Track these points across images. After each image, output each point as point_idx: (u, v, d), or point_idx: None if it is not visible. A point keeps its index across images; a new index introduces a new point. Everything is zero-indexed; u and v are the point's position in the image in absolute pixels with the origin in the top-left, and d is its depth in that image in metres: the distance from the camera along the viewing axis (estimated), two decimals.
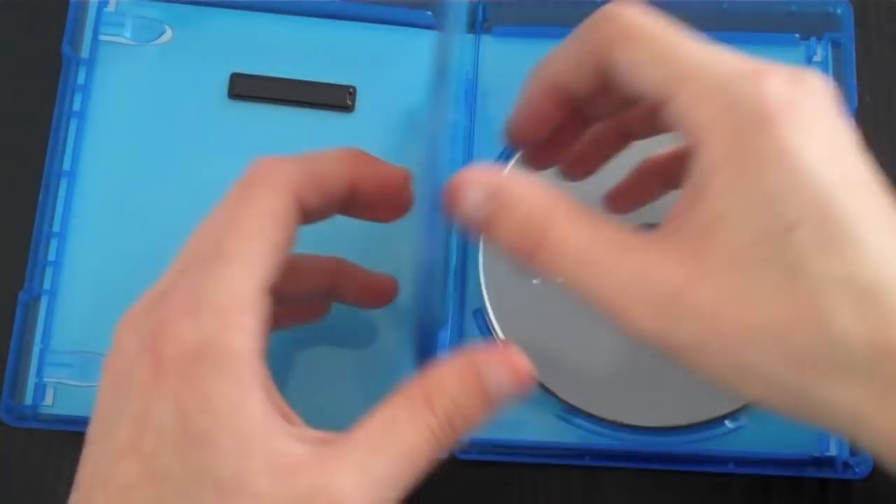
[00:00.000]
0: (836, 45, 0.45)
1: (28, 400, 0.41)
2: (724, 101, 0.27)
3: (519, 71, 0.45)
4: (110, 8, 0.45)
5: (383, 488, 0.26)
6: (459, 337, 0.43)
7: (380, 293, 0.39)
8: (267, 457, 0.25)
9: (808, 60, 0.45)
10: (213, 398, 0.25)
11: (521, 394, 0.29)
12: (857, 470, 0.40)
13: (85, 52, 0.44)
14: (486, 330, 0.42)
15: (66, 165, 0.43)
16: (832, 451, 0.40)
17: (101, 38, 0.44)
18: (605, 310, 0.28)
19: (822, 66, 0.45)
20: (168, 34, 0.44)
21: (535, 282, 0.43)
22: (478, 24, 0.46)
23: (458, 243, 0.43)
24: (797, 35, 0.45)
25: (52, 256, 0.42)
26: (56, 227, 0.42)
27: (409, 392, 0.28)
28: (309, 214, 0.30)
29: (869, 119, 0.45)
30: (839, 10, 0.45)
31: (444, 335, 0.42)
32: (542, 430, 0.41)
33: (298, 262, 0.34)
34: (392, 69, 0.45)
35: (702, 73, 0.28)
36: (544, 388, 0.41)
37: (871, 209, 0.27)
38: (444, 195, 0.29)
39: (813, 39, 0.45)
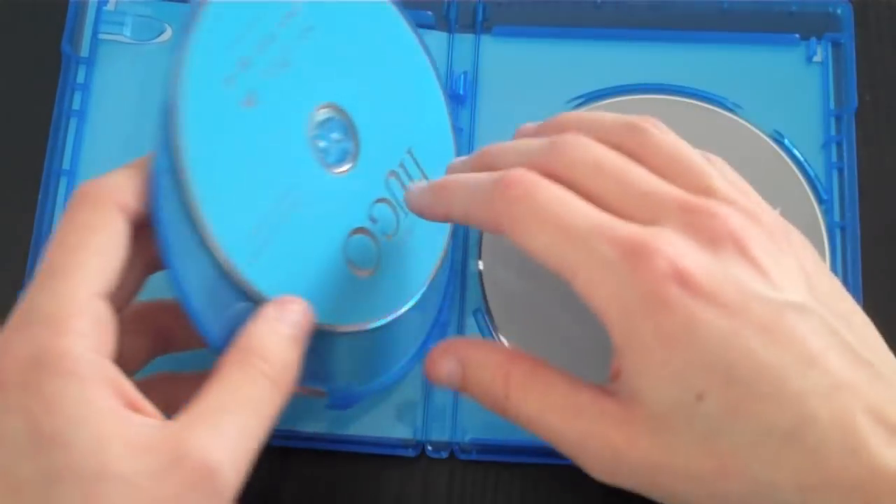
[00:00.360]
0: (836, 45, 0.45)
1: None
2: (612, 287, 0.30)
3: (519, 71, 0.45)
4: (110, 6, 0.44)
5: (239, 441, 0.29)
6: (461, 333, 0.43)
7: None
8: (123, 442, 0.27)
9: (808, 60, 0.45)
10: (57, 400, 0.27)
11: (311, 325, 0.33)
12: None
13: (85, 51, 0.44)
14: (487, 330, 0.43)
15: (66, 164, 0.43)
16: None
17: (101, 36, 0.44)
18: (567, 455, 0.32)
19: (823, 66, 0.45)
20: (168, 33, 0.44)
21: (535, 287, 0.42)
22: (478, 24, 0.46)
23: (458, 243, 0.43)
24: (797, 35, 0.45)
25: None
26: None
27: (233, 355, 0.31)
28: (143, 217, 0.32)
29: (869, 119, 0.44)
30: (839, 11, 0.45)
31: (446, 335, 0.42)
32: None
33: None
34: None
35: (595, 255, 0.30)
36: None
37: (778, 354, 0.29)
38: (424, 363, 0.35)
39: (813, 39, 0.45)
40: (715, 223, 0.30)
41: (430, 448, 0.41)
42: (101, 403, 0.27)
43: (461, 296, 0.43)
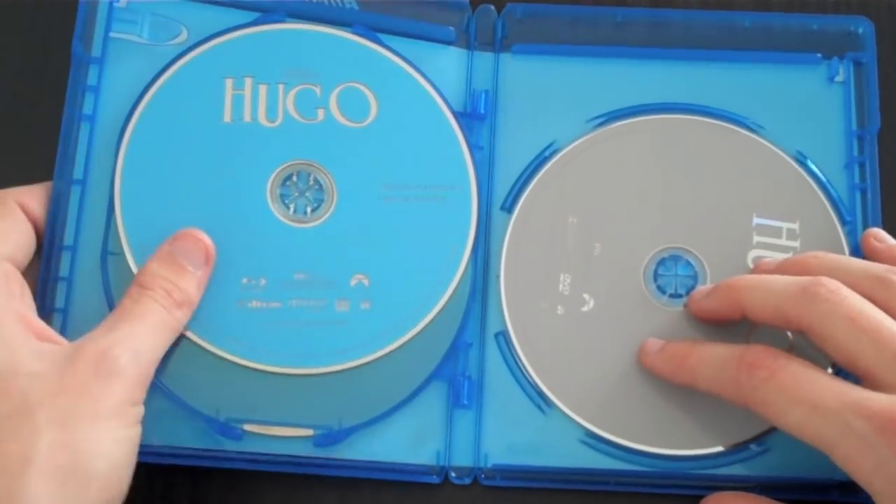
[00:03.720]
0: (857, 64, 0.45)
1: None
2: (872, 460, 0.32)
3: (539, 89, 0.45)
4: (121, 4, 0.43)
5: (131, 339, 0.35)
6: (482, 360, 0.42)
7: None
8: (32, 351, 0.34)
9: (830, 80, 0.45)
10: None
11: (206, 261, 0.39)
12: None
13: (96, 51, 0.42)
14: (509, 352, 0.42)
15: (78, 174, 0.41)
16: None
17: (113, 35, 0.42)
18: None
19: (845, 85, 0.45)
20: (184, 34, 0.43)
21: (559, 311, 0.42)
22: (497, 42, 0.45)
23: (478, 265, 0.42)
24: (819, 55, 0.45)
25: (64, 272, 0.40)
26: (69, 241, 0.40)
27: (128, 291, 0.37)
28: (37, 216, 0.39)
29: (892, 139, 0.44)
30: (861, 29, 0.45)
31: (468, 358, 0.41)
32: (566, 455, 0.41)
33: None
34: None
35: (851, 431, 0.32)
36: (567, 413, 0.41)
37: None
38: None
39: (835, 59, 0.45)
40: None
41: (453, 474, 0.40)
42: (12, 328, 0.34)
43: (482, 318, 0.42)
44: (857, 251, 0.42)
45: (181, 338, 0.39)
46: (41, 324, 0.36)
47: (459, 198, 0.42)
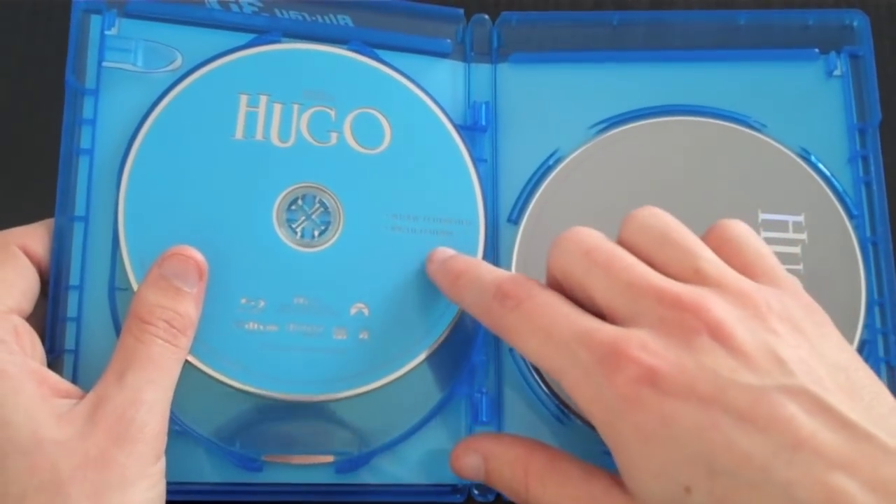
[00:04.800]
0: (854, 57, 0.45)
1: None
2: (592, 390, 0.32)
3: (539, 98, 0.44)
4: (112, 32, 0.42)
5: (145, 391, 0.34)
6: (499, 375, 0.41)
7: None
8: (51, 415, 0.33)
9: (829, 74, 0.45)
10: None
11: (199, 277, 0.37)
12: None
13: (90, 82, 0.41)
14: (525, 366, 0.41)
15: (80, 210, 0.40)
16: None
17: (106, 64, 0.41)
18: None
19: (843, 79, 0.45)
20: (178, 61, 0.42)
21: None
22: (493, 52, 0.45)
23: None
24: (816, 49, 0.45)
25: (72, 312, 0.39)
26: (74, 280, 0.39)
27: (127, 324, 0.36)
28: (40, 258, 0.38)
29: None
30: (856, 23, 0.45)
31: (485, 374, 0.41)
32: None
33: None
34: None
35: (576, 360, 0.32)
36: (589, 425, 0.40)
37: (760, 440, 0.29)
38: (450, 458, 0.38)
39: (833, 53, 0.45)
40: (687, 317, 0.31)
41: (476, 492, 0.40)
42: (30, 391, 0.34)
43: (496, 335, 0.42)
44: (866, 243, 0.43)
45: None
46: (55, 377, 0.36)
47: (467, 233, 0.42)
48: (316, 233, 0.41)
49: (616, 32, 0.45)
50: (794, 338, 0.32)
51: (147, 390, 0.35)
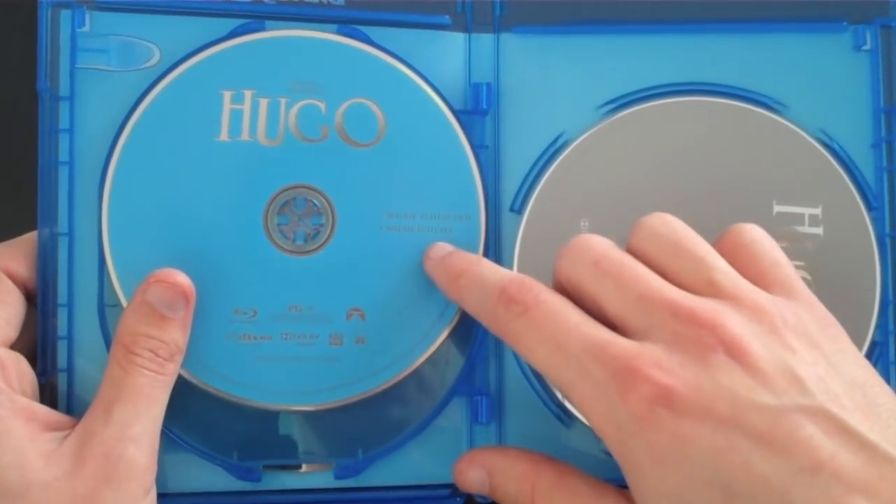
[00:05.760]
0: (885, 29, 0.42)
1: None
2: (605, 407, 0.31)
3: (544, 73, 0.42)
4: (86, 28, 0.39)
5: (133, 425, 0.34)
6: (500, 375, 0.41)
7: None
8: (39, 455, 0.33)
9: (857, 49, 0.42)
10: None
11: (186, 303, 0.36)
12: None
13: (64, 89, 0.38)
14: (527, 365, 0.41)
15: (63, 227, 0.38)
16: None
17: (79, 66, 0.39)
18: None
19: (872, 54, 0.42)
20: (157, 56, 0.39)
21: None
22: (496, 21, 0.42)
23: None
24: (845, 22, 0.42)
25: (62, 331, 0.38)
26: (62, 299, 0.38)
27: (113, 352, 0.35)
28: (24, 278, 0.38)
29: None
30: None
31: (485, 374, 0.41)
32: (589, 467, 0.40)
33: None
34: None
35: (587, 376, 0.31)
36: (587, 426, 0.40)
37: (778, 463, 0.29)
38: (453, 471, 0.37)
39: (862, 25, 0.42)
40: (703, 333, 0.30)
41: (477, 496, 0.40)
42: (18, 432, 0.33)
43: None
44: (883, 239, 0.41)
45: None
46: (44, 410, 0.35)
47: (467, 229, 0.40)
48: (307, 237, 0.39)
49: (627, 2, 0.42)
50: (810, 354, 0.31)
51: (135, 424, 0.34)
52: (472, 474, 0.37)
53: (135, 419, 0.34)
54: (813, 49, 0.42)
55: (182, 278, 0.36)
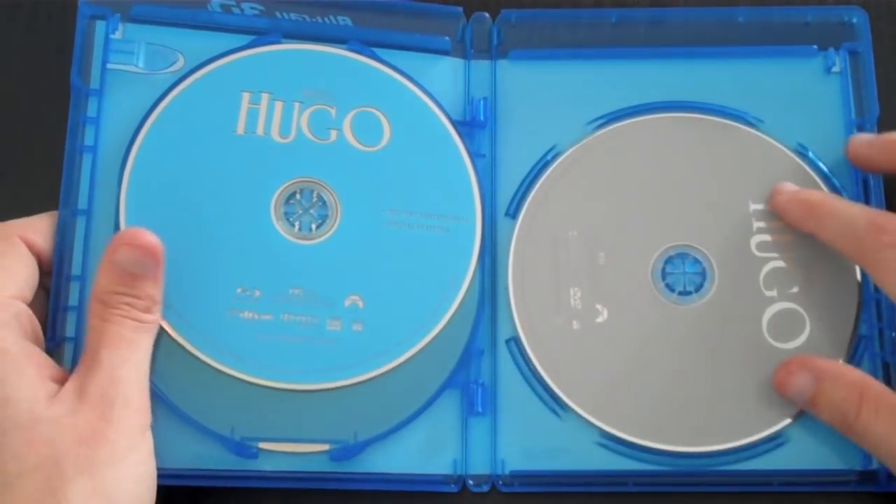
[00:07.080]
0: (853, 54, 0.45)
1: None
2: None
3: (538, 94, 0.45)
4: (118, 35, 0.43)
5: (124, 370, 0.36)
6: (494, 366, 0.42)
7: None
8: (46, 396, 0.35)
9: (827, 71, 0.45)
10: None
11: (156, 263, 0.37)
12: None
13: (94, 83, 0.42)
14: (521, 357, 0.42)
15: (83, 204, 0.41)
16: (875, 465, 0.40)
17: (110, 66, 0.42)
18: None
19: (842, 76, 0.45)
20: (181, 62, 0.43)
21: (574, 326, 0.42)
22: (493, 49, 0.45)
23: (486, 272, 0.42)
24: (815, 46, 0.45)
25: (73, 301, 0.40)
26: (76, 270, 0.40)
27: (91, 308, 0.37)
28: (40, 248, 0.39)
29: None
30: (854, 19, 0.45)
31: (480, 365, 0.42)
32: (583, 458, 0.41)
33: None
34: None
35: None
36: (582, 416, 0.41)
37: None
38: (775, 376, 0.39)
39: (831, 50, 0.45)
40: None
41: (471, 482, 0.40)
42: (30, 372, 0.35)
43: (493, 325, 0.42)
44: None
45: (177, 349, 0.39)
46: (50, 362, 0.37)
47: (463, 229, 0.42)
48: (313, 226, 0.41)
49: (615, 30, 0.45)
50: None
51: (121, 367, 0.36)
52: (801, 377, 0.38)
53: (120, 362, 0.36)
54: (786, 72, 0.45)
55: (149, 238, 0.37)
